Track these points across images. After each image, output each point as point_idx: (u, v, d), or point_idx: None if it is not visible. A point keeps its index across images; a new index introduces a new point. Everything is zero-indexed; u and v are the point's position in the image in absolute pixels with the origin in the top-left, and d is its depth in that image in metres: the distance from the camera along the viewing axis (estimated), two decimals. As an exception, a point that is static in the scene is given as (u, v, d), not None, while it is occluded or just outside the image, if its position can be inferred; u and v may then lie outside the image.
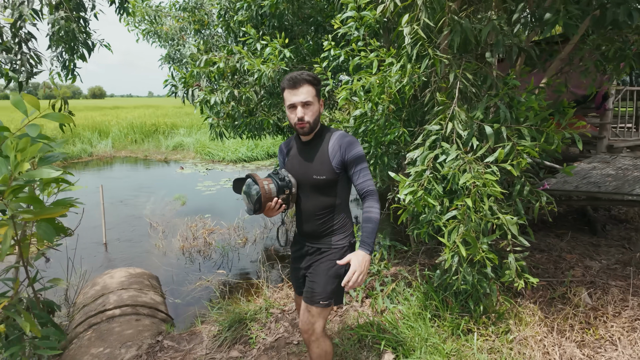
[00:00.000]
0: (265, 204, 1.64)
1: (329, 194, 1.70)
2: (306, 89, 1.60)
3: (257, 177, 1.66)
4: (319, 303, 1.72)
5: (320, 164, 1.66)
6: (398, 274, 3.03)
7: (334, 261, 1.73)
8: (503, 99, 2.33)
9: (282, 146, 1.88)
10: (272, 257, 5.12)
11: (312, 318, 1.76)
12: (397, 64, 2.32)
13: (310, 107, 1.62)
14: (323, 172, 1.65)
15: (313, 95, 1.63)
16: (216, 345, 2.82)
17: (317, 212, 1.72)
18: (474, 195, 1.92)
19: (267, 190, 1.62)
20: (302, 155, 1.73)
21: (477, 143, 2.21)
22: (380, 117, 2.51)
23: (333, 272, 1.74)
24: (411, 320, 2.46)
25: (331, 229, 1.76)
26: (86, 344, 2.99)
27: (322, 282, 1.73)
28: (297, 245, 1.91)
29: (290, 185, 1.68)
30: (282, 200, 1.68)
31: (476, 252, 2.01)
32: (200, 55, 3.77)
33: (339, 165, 1.65)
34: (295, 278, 1.97)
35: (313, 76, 1.63)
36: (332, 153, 1.65)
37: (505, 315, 2.36)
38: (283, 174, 1.70)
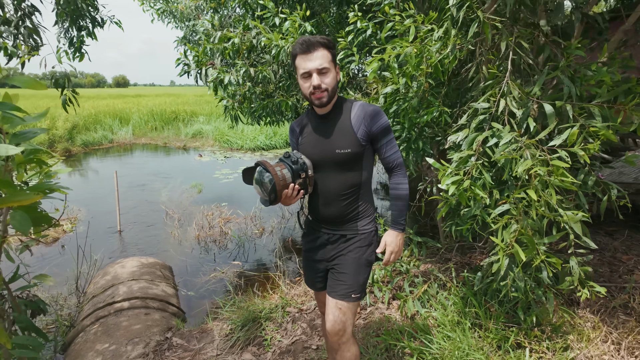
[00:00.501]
0: (281, 192, 1.45)
1: (355, 169, 1.53)
2: (321, 53, 1.41)
3: (267, 163, 1.47)
4: (350, 297, 1.53)
5: (343, 136, 1.48)
6: (429, 274, 2.70)
7: (364, 248, 1.57)
8: (566, 71, 1.95)
9: (293, 125, 1.68)
10: (289, 248, 4.87)
11: (344, 316, 1.54)
12: (438, 30, 1.96)
13: (327, 73, 1.44)
14: (347, 145, 1.47)
15: (329, 60, 1.44)
16: (228, 346, 2.58)
17: (342, 191, 1.53)
18: (535, 186, 1.57)
19: (281, 177, 1.44)
20: (321, 131, 1.54)
21: (533, 124, 1.84)
22: (415, 94, 2.16)
23: (364, 260, 1.57)
24: (447, 329, 2.14)
25: (356, 211, 1.57)
26: (92, 338, 2.81)
27: (353, 272, 1.55)
28: (313, 234, 1.68)
29: (306, 167, 1.50)
30: (300, 186, 1.49)
31: (533, 255, 1.66)
32: (215, 31, 3.47)
33: (364, 137, 1.49)
34: (312, 272, 1.72)
35: (327, 39, 1.44)
36: (356, 124, 1.49)
37: (562, 328, 2.00)
38: (295, 156, 1.51)
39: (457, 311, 2.26)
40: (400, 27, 2.03)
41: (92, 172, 9.69)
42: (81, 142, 12.82)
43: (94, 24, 3.21)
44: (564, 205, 1.81)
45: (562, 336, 1.96)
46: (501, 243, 1.63)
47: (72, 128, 13.21)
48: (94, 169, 9.99)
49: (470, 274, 2.50)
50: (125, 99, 25.53)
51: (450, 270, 2.72)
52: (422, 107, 2.26)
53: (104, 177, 8.86)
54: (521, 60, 2.09)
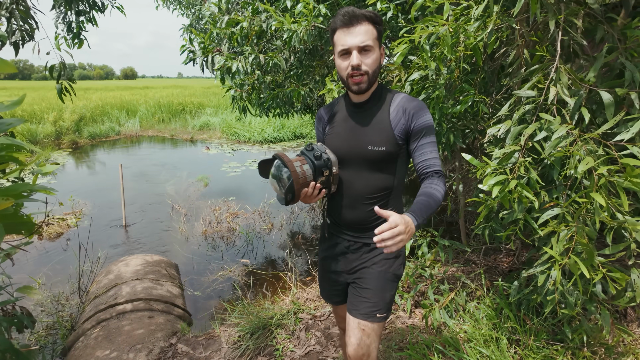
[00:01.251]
0: (299, 191, 1.26)
1: (387, 170, 1.30)
2: (365, 27, 1.19)
3: (285, 157, 1.28)
4: (375, 317, 1.32)
5: (379, 131, 1.26)
6: (457, 281, 2.47)
7: (391, 260, 1.36)
8: (626, 54, 1.68)
9: (321, 112, 1.45)
10: (299, 245, 4.67)
11: (368, 339, 1.33)
12: (477, 7, 1.71)
13: (370, 53, 1.21)
14: (382, 142, 1.25)
15: (374, 38, 1.21)
16: (237, 355, 2.39)
17: (370, 194, 1.32)
18: (599, 189, 1.32)
19: (300, 174, 1.25)
20: (354, 120, 1.32)
21: (588, 115, 1.58)
22: (447, 80, 1.91)
23: (391, 274, 1.36)
24: (480, 345, 1.91)
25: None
26: (92, 344, 2.64)
27: (379, 287, 1.33)
28: (333, 239, 1.47)
29: (330, 164, 1.29)
30: (322, 184, 1.29)
31: (590, 267, 1.42)
32: (222, 15, 3.23)
33: (402, 135, 1.26)
34: (329, 284, 1.52)
35: (375, 13, 1.21)
36: (395, 118, 1.26)
37: (616, 350, 1.76)
38: (319, 149, 1.30)
39: (490, 324, 2.03)
40: (432, 5, 1.78)
41: (99, 164, 9.58)
42: (88, 134, 12.72)
43: (92, 8, 2.99)
44: (623, 210, 1.56)
45: (617, 358, 1.72)
46: (556, 254, 1.39)
47: (79, 120, 13.11)
48: (101, 161, 9.88)
49: (502, 281, 2.26)
50: (132, 91, 25.44)
51: (479, 277, 2.48)
52: (453, 95, 2.01)
53: (111, 169, 8.73)
54: (570, 42, 1.82)
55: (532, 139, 1.58)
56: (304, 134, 12.78)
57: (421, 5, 1.83)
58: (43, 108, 13.56)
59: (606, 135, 1.67)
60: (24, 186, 1.18)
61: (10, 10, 2.60)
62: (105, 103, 16.19)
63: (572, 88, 1.67)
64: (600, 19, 1.82)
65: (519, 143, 1.57)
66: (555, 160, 1.56)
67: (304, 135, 12.76)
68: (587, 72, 1.70)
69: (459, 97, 1.94)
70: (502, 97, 2.19)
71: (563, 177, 1.65)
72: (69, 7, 2.82)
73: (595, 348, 1.77)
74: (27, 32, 2.66)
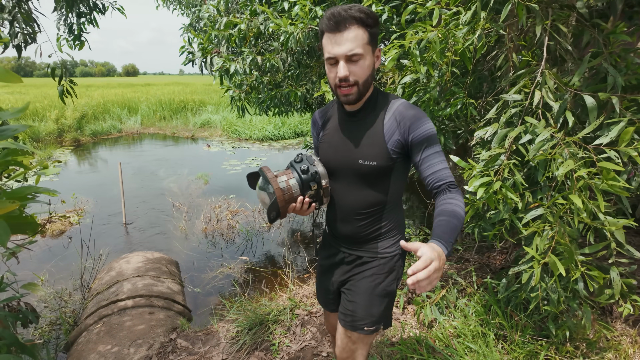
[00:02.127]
0: (285, 207, 1.20)
1: (379, 187, 1.21)
2: (354, 33, 1.04)
3: (268, 172, 1.20)
4: (362, 329, 1.30)
5: (371, 145, 1.16)
6: (448, 278, 2.53)
7: (382, 275, 1.29)
8: (609, 59, 1.73)
9: (315, 116, 1.37)
10: (298, 243, 4.74)
11: (353, 345, 1.34)
12: (466, 13, 1.76)
13: (360, 61, 1.08)
14: (373, 157, 1.15)
15: (364, 44, 1.06)
16: (234, 350, 2.46)
17: (360, 210, 1.25)
18: (578, 191, 1.38)
19: (286, 190, 1.18)
20: (346, 131, 1.22)
21: (572, 119, 1.63)
22: (437, 84, 1.96)
23: (381, 290, 1.29)
24: (469, 340, 1.98)
25: (378, 232, 1.28)
26: (94, 339, 2.72)
27: (365, 303, 1.29)
28: (329, 249, 1.44)
29: (318, 177, 1.21)
30: (311, 197, 1.23)
31: (571, 266, 1.48)
32: (220, 17, 3.29)
33: (396, 148, 1.14)
34: (324, 292, 1.50)
35: (367, 12, 1.06)
36: (389, 130, 1.14)
37: (598, 344, 1.83)
38: (307, 162, 1.22)
39: (479, 320, 2.09)
40: (423, 10, 1.83)
41: (100, 161, 9.66)
42: (90, 131, 12.80)
43: (93, 10, 3.05)
44: (604, 210, 1.61)
45: (599, 353, 1.78)
46: (536, 254, 1.45)
47: (81, 117, 13.18)
48: (103, 159, 9.96)
49: (491, 278, 2.32)
50: (134, 88, 25.49)
51: (470, 274, 2.54)
52: (444, 98, 2.06)
53: (113, 167, 8.81)
54: (557, 47, 1.87)
55: (517, 142, 1.64)
56: (304, 131, 12.82)
57: (412, 10, 1.88)
58: (45, 106, 13.64)
59: (590, 139, 1.72)
60: (29, 189, 1.25)
61: (13, 14, 2.66)
62: (107, 101, 16.25)
63: (557, 92, 1.72)
64: (587, 24, 1.87)
65: (504, 146, 1.62)
66: (539, 163, 1.62)
67: (305, 133, 12.81)
68: (572, 76, 1.75)
69: (450, 100, 1.99)
70: (492, 99, 2.24)
71: (547, 178, 1.70)
72: (70, 10, 2.87)
73: (577, 343, 1.83)
74: (29, 35, 2.72)
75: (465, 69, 2.04)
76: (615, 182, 1.27)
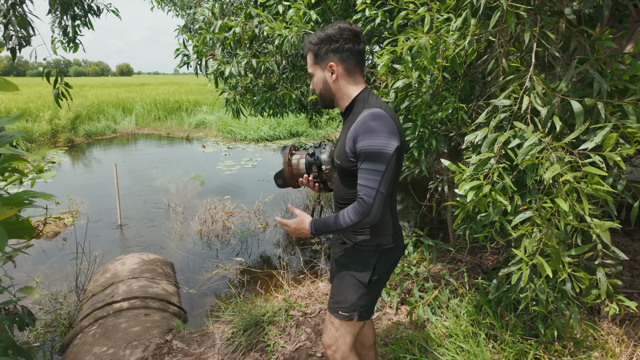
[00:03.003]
0: (291, 179, 1.49)
1: (349, 183, 1.37)
2: (309, 57, 1.36)
3: (288, 149, 1.49)
4: (337, 313, 1.43)
5: (341, 146, 1.35)
6: (440, 278, 2.57)
7: (358, 266, 1.41)
8: (595, 65, 1.78)
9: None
10: (293, 244, 4.76)
11: (337, 332, 1.45)
12: (456, 19, 1.79)
13: (314, 78, 1.38)
14: (340, 157, 1.34)
15: (312, 64, 1.36)
16: (230, 351, 2.48)
17: (341, 200, 1.44)
18: (564, 194, 1.42)
19: (294, 165, 1.46)
20: (341, 132, 1.45)
21: (559, 123, 1.68)
22: (428, 88, 2.00)
23: (354, 279, 1.42)
24: (460, 340, 2.02)
25: None
26: (90, 340, 2.72)
27: (341, 288, 1.45)
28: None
29: (319, 162, 1.44)
30: (315, 178, 1.46)
31: (558, 267, 1.52)
32: (215, 20, 3.30)
33: (351, 154, 1.28)
34: (330, 276, 1.66)
35: (318, 37, 1.31)
36: (350, 136, 1.28)
37: (585, 343, 1.87)
38: (320, 148, 1.47)
39: (470, 320, 2.13)
40: (414, 16, 1.86)
41: (95, 162, 9.62)
42: (84, 132, 12.73)
43: (86, 12, 3.05)
44: (590, 212, 1.66)
45: (586, 352, 1.83)
46: (524, 255, 1.49)
47: (75, 118, 13.11)
48: (97, 160, 9.91)
49: (483, 279, 2.36)
50: (128, 88, 25.36)
51: (462, 275, 2.58)
52: (436, 102, 2.10)
53: (107, 167, 8.77)
54: (545, 53, 1.92)
55: (506, 146, 1.68)
56: (299, 132, 12.85)
57: (404, 16, 1.91)
58: (39, 106, 13.54)
59: (577, 143, 1.77)
60: (26, 194, 1.26)
61: (7, 17, 2.66)
62: (101, 101, 16.16)
63: (545, 97, 1.77)
64: (575, 30, 1.92)
65: (493, 150, 1.66)
66: (527, 167, 1.66)
67: (300, 133, 12.83)
68: (559, 81, 1.80)
69: (442, 104, 2.03)
70: (484, 103, 2.28)
71: (535, 182, 1.74)
72: (65, 13, 2.87)
73: (565, 342, 1.88)
74: (23, 37, 2.72)
75: (456, 74, 2.08)
76: (600, 186, 1.31)
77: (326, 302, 2.87)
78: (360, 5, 2.66)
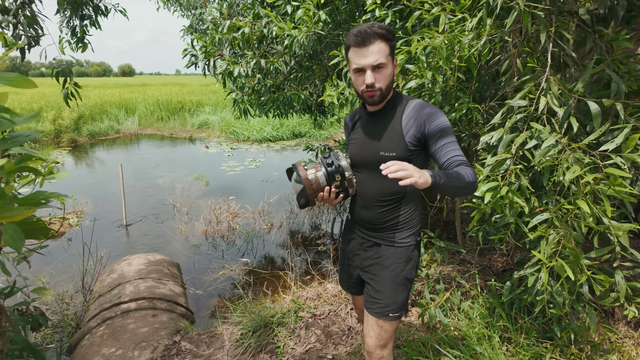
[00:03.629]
0: (313, 197, 1.39)
1: None
2: (378, 46, 1.24)
3: (299, 165, 1.41)
4: (388, 316, 1.43)
5: (390, 138, 1.34)
6: (452, 281, 2.55)
7: (402, 264, 1.44)
8: (611, 65, 1.76)
9: (346, 120, 1.58)
10: (299, 244, 4.75)
11: (385, 334, 1.45)
12: (471, 20, 1.78)
13: (383, 70, 1.28)
14: (393, 148, 1.32)
15: (386, 55, 1.27)
16: (239, 353, 2.47)
17: (381, 198, 1.41)
18: (585, 196, 1.40)
19: (313, 180, 1.37)
20: (369, 129, 1.42)
21: (577, 124, 1.66)
22: (442, 89, 1.98)
23: (402, 278, 1.44)
24: (474, 342, 2.00)
25: (395, 221, 1.43)
26: (98, 341, 2.71)
27: (390, 290, 1.43)
28: (351, 233, 1.60)
29: (341, 169, 1.38)
30: (337, 188, 1.40)
31: (577, 269, 1.51)
32: (223, 20, 3.30)
33: (413, 141, 1.31)
34: (347, 276, 1.66)
35: (386, 29, 1.25)
36: (407, 125, 1.32)
37: (602, 346, 1.85)
38: (333, 157, 1.40)
39: (483, 323, 2.11)
40: (428, 17, 1.85)
41: (98, 162, 9.62)
42: (87, 132, 12.74)
43: (97, 12, 3.05)
44: (607, 215, 1.64)
45: (603, 355, 1.81)
46: (543, 257, 1.47)
47: (78, 118, 13.13)
48: (101, 160, 9.92)
49: (495, 280, 2.34)
50: (131, 88, 25.40)
51: (474, 277, 2.57)
52: (449, 102, 2.08)
53: (111, 168, 8.78)
54: (560, 53, 1.90)
55: (522, 147, 1.66)
56: (302, 132, 12.84)
57: (418, 17, 1.90)
58: (42, 106, 13.56)
59: (594, 144, 1.75)
60: (41, 194, 1.25)
61: (17, 16, 2.65)
62: (104, 101, 16.18)
63: (562, 98, 1.75)
64: (589, 30, 1.90)
65: (510, 151, 1.65)
66: (544, 168, 1.64)
67: (303, 134, 12.82)
68: (576, 82, 1.78)
69: (454, 105, 2.01)
70: (496, 104, 2.27)
71: (552, 183, 1.73)
72: (75, 13, 2.87)
73: (582, 345, 1.86)
74: (32, 37, 2.72)
75: (469, 74, 2.06)
76: (622, 187, 1.29)
77: (335, 304, 2.86)
78: (370, 6, 2.65)
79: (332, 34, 3.26)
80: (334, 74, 2.93)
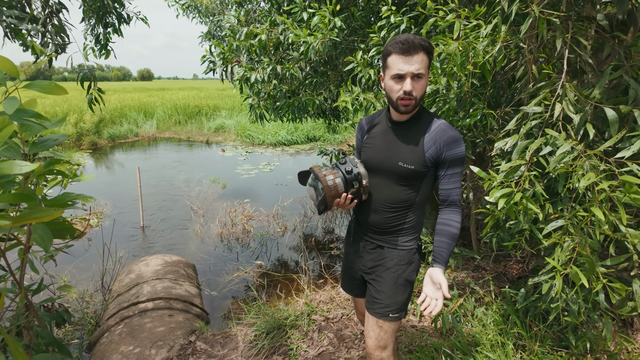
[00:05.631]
0: (331, 202, 1.44)
1: (412, 187, 1.43)
2: (421, 57, 1.29)
3: (318, 171, 1.44)
4: (388, 316, 1.48)
5: (411, 151, 1.38)
6: (466, 287, 2.54)
7: (403, 266, 1.50)
8: (630, 72, 1.74)
9: (362, 122, 1.60)
10: (312, 248, 4.78)
11: (385, 334, 1.49)
12: (486, 26, 1.79)
13: (421, 80, 1.32)
14: (412, 161, 1.37)
15: (426, 67, 1.32)
16: (253, 354, 2.51)
17: (392, 204, 1.46)
18: (600, 203, 1.39)
19: (332, 187, 1.41)
20: (390, 137, 1.45)
21: (593, 131, 1.65)
22: (456, 95, 1.99)
23: (403, 279, 1.49)
24: (487, 349, 1.99)
25: (401, 226, 1.49)
26: (117, 339, 2.79)
27: (391, 291, 1.48)
28: (354, 235, 1.64)
29: (360, 177, 1.43)
30: (352, 194, 1.45)
31: (592, 277, 1.49)
32: (241, 27, 3.37)
33: (431, 159, 1.37)
34: (350, 278, 1.69)
35: (429, 43, 1.31)
36: (429, 143, 1.37)
37: (619, 357, 1.82)
38: (351, 164, 1.45)
39: (497, 330, 2.10)
40: (443, 23, 1.87)
41: (118, 165, 9.87)
42: (108, 135, 13.10)
43: (119, 20, 3.16)
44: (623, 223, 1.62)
45: (620, 365, 1.78)
46: (557, 265, 1.46)
47: (99, 122, 13.51)
48: (120, 162, 10.17)
49: (509, 287, 2.32)
50: (149, 92, 25.98)
51: (488, 283, 2.55)
52: (464, 108, 2.09)
53: (130, 170, 9.00)
54: (577, 59, 1.89)
55: (537, 154, 1.66)
56: (316, 136, 12.91)
57: (433, 23, 1.92)
58: (64, 109, 14.01)
59: (610, 151, 1.73)
60: (68, 196, 1.32)
61: (45, 25, 2.78)
62: (124, 105, 16.60)
63: (578, 104, 1.74)
64: (607, 36, 1.88)
65: (524, 157, 1.64)
66: (559, 175, 1.63)
67: (317, 138, 12.89)
68: (592, 88, 1.77)
69: (469, 110, 2.02)
70: (511, 109, 2.26)
71: (567, 190, 1.72)
72: (100, 21, 2.99)
73: (598, 355, 1.83)
74: (59, 45, 2.84)
75: (484, 80, 2.06)
76: (638, 195, 1.28)
77: (348, 307, 2.87)
78: (385, 12, 2.67)
79: (347, 40, 3.30)
80: (349, 79, 2.97)
